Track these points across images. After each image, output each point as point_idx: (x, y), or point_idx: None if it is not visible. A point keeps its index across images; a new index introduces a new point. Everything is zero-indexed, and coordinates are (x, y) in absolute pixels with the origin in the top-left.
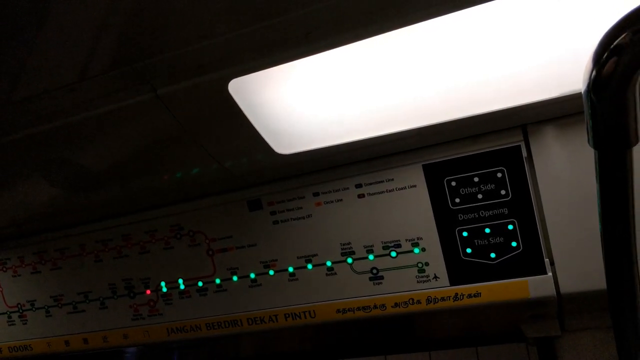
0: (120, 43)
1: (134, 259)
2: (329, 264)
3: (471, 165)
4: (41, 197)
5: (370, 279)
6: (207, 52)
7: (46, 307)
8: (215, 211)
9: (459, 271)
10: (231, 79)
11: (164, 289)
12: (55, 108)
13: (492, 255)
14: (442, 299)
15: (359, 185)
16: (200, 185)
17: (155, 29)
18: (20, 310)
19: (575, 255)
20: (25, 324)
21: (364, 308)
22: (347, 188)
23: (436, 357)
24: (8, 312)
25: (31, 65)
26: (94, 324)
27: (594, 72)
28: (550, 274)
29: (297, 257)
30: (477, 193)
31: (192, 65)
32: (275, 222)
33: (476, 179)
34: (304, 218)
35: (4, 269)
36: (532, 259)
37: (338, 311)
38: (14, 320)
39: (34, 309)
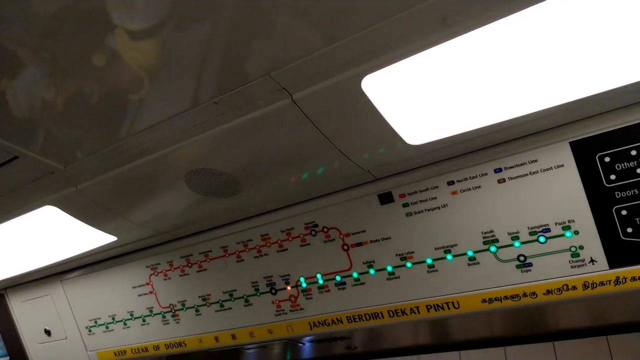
0: (255, 55)
1: (273, 257)
2: (470, 253)
3: (627, 137)
4: (185, 205)
5: (518, 266)
6: (341, 52)
7: (195, 306)
8: (347, 206)
9: (619, 253)
10: (365, 75)
11: (304, 285)
12: (200, 122)
13: None
14: (601, 283)
15: (498, 170)
16: (331, 181)
17: (286, 36)
18: (173, 310)
19: None
20: (178, 322)
21: (512, 297)
22: (485, 174)
23: (561, 348)
24: (162, 312)
25: (179, 86)
26: (240, 320)
27: None
28: None
29: (435, 248)
30: (636, 167)
31: (327, 67)
32: (409, 214)
33: (634, 152)
34: (439, 208)
35: (156, 273)
36: None
37: (484, 301)
38: (168, 320)
39: (184, 309)
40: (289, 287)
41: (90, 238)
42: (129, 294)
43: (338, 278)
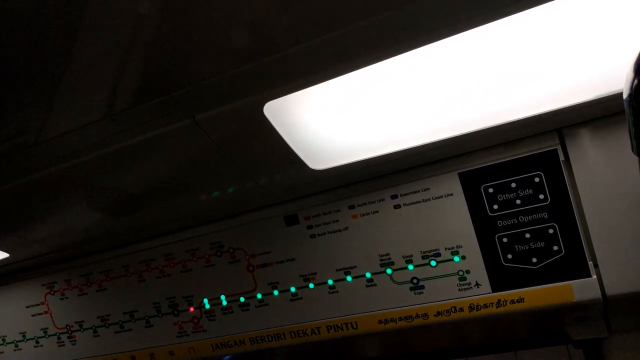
0: (157, 73)
1: (177, 278)
2: (368, 275)
3: (508, 171)
4: (85, 222)
5: (411, 288)
6: (244, 77)
7: (94, 327)
8: (253, 227)
9: (500, 277)
10: (267, 101)
11: (207, 306)
12: (97, 139)
13: (534, 260)
14: (485, 305)
15: (394, 196)
16: (238, 202)
17: (190, 58)
18: (69, 332)
19: (619, 257)
20: (75, 344)
21: (406, 318)
22: (383, 199)
23: None
24: (57, 334)
25: (75, 100)
26: (141, 342)
27: (635, 82)
28: (594, 276)
29: (336, 270)
30: (515, 199)
31: (229, 90)
32: (313, 236)
33: (513, 185)
34: (340, 231)
35: (52, 292)
36: (575, 262)
37: (380, 322)
38: (64, 341)
39: (82, 330)
40: (192, 309)
41: None
42: (21, 314)
43: (242, 299)
